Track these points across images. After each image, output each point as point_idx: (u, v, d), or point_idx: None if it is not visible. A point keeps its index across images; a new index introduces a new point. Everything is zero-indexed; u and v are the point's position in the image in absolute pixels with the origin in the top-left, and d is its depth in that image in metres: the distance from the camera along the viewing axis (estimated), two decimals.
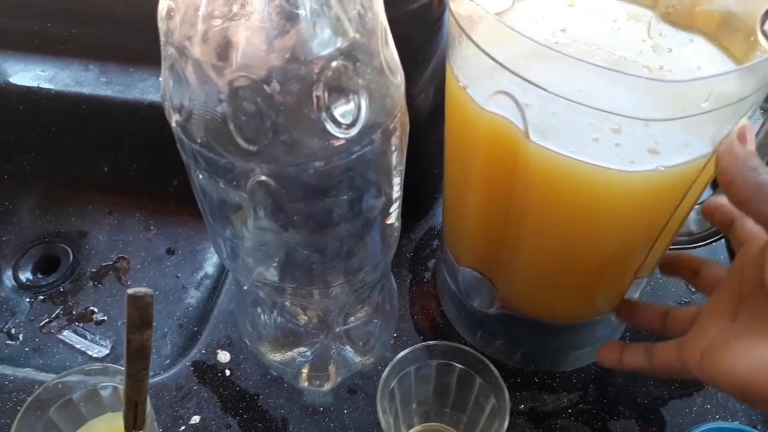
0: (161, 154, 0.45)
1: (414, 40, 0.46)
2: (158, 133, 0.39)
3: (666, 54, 0.36)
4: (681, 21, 0.37)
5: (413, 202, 0.55)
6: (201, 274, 0.58)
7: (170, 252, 0.60)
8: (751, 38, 0.34)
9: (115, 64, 0.59)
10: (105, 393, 0.39)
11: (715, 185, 0.58)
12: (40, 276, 0.59)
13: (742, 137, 0.29)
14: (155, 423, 0.38)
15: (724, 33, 0.36)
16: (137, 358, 0.30)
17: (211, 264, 0.58)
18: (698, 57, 0.36)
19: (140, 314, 0.28)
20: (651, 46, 0.37)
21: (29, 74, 0.58)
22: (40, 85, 0.58)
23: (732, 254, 0.54)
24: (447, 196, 0.42)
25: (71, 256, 0.59)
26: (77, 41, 0.60)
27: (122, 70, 0.59)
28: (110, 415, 0.39)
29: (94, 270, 0.59)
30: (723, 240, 0.54)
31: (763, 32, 0.33)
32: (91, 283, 0.58)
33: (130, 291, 0.28)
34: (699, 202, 0.43)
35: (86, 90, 0.58)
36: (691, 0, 0.37)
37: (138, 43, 0.56)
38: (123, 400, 0.33)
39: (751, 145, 0.29)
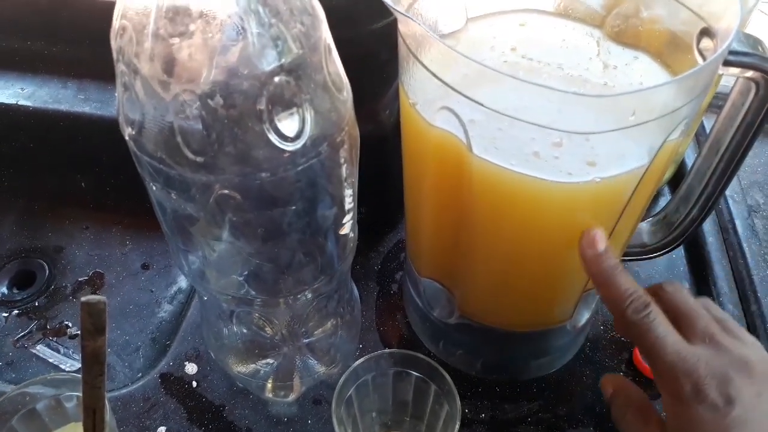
0: (137, 171, 0.47)
1: (379, 58, 0.48)
2: None
3: (611, 71, 0.38)
4: (627, 40, 0.39)
5: (381, 215, 0.56)
6: (174, 288, 0.59)
7: (145, 267, 0.60)
8: (689, 56, 0.35)
9: (93, 81, 0.60)
10: (69, 404, 0.40)
11: (673, 190, 0.60)
12: (15, 291, 0.59)
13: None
14: None
15: (666, 51, 0.38)
16: (92, 364, 0.31)
17: (184, 279, 0.59)
18: (641, 74, 0.37)
19: (93, 321, 0.29)
20: (598, 63, 0.39)
21: (8, 91, 0.59)
22: (19, 102, 0.59)
23: (692, 269, 0.55)
24: (407, 208, 0.44)
25: (47, 271, 0.60)
26: (56, 59, 0.61)
27: (100, 87, 0.60)
28: (73, 425, 0.40)
29: (69, 285, 0.59)
30: (681, 250, 0.56)
31: (699, 51, 0.35)
32: (66, 298, 0.58)
33: (83, 299, 0.29)
34: (654, 214, 0.45)
35: (64, 107, 0.59)
36: (636, 20, 0.39)
37: None
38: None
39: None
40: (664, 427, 0.33)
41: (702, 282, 0.53)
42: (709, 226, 0.56)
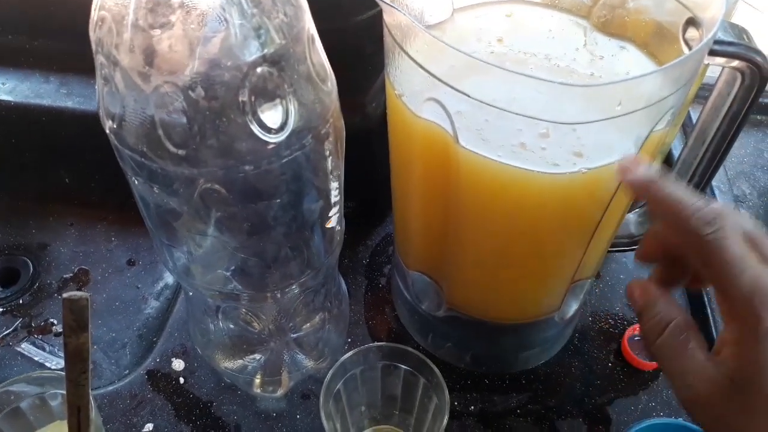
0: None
1: (365, 50, 0.48)
2: None
3: (598, 61, 0.38)
4: (613, 30, 0.39)
5: (369, 208, 0.56)
6: (161, 284, 0.58)
7: (131, 263, 0.60)
8: (675, 46, 0.35)
9: (76, 76, 0.60)
10: (54, 402, 0.39)
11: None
12: None
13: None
14: (103, 430, 0.38)
15: (653, 41, 0.38)
16: (75, 361, 0.30)
17: (170, 275, 0.59)
18: (628, 64, 0.37)
19: (75, 317, 0.28)
20: (585, 53, 0.38)
21: None
22: (0, 97, 0.58)
23: None
24: (394, 201, 0.43)
25: (31, 269, 0.59)
26: (38, 53, 0.60)
27: (82, 81, 0.59)
28: (58, 423, 0.39)
29: (54, 282, 0.59)
30: None
31: (685, 40, 0.34)
32: (51, 296, 0.58)
33: (65, 295, 0.28)
34: (641, 205, 0.45)
35: (46, 102, 0.58)
36: (622, 10, 0.39)
37: None
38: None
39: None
40: (711, 356, 0.28)
41: None
42: None
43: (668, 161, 0.61)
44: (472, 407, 0.45)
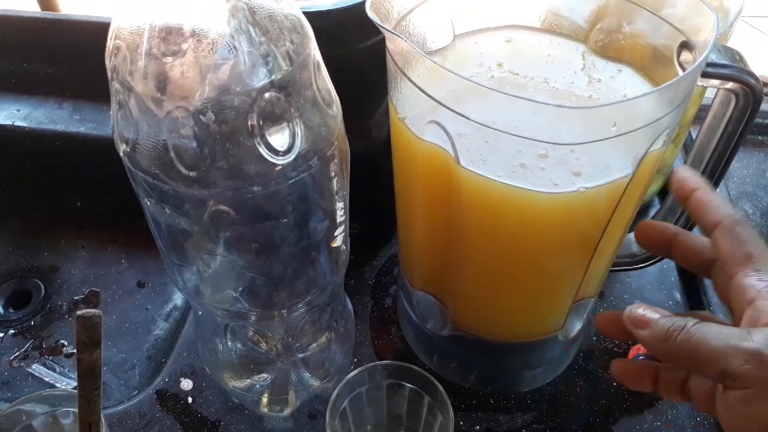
0: (133, 189, 0.48)
1: (369, 75, 0.49)
2: None
3: (596, 84, 0.39)
4: (611, 54, 0.40)
5: (375, 229, 0.57)
6: (170, 306, 0.59)
7: (141, 285, 0.61)
8: (671, 69, 0.36)
9: (88, 102, 0.61)
10: (66, 420, 0.40)
11: (661, 198, 0.60)
12: (11, 311, 0.59)
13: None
14: None
15: (649, 64, 0.39)
16: (88, 377, 0.31)
17: (180, 296, 0.59)
18: (625, 86, 0.38)
19: (89, 334, 0.29)
20: (583, 77, 0.39)
21: (4, 113, 0.60)
22: (15, 123, 0.60)
23: (683, 279, 0.55)
24: (398, 221, 0.44)
25: (43, 291, 0.60)
26: (52, 80, 0.62)
27: (95, 107, 0.61)
28: None
29: (65, 304, 0.59)
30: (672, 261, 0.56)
31: (679, 63, 0.35)
32: (62, 317, 0.59)
33: (79, 312, 0.29)
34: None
35: (60, 127, 0.60)
36: (619, 35, 0.40)
37: None
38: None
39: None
40: None
41: (693, 292, 0.54)
42: None
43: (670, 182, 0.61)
44: (477, 427, 0.45)
